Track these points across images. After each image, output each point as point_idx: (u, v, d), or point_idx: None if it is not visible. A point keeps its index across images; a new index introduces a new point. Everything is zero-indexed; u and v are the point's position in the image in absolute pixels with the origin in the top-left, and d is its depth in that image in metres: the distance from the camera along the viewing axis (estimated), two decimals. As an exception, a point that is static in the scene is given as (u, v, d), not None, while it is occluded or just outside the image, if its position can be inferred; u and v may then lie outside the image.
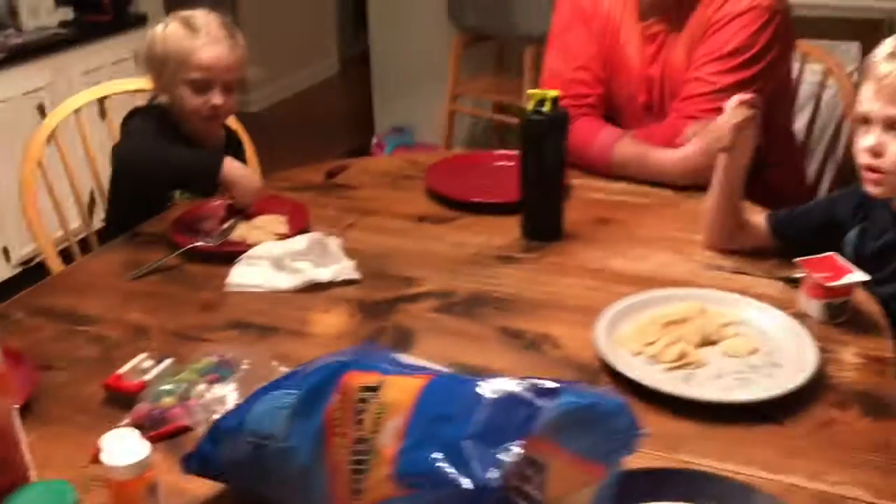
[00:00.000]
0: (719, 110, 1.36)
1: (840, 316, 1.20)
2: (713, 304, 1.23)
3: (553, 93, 1.40)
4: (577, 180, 1.70)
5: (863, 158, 1.20)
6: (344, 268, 1.36)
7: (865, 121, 1.19)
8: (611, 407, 0.79)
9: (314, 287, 1.34)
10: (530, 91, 1.42)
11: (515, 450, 0.67)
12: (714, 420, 1.03)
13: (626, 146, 1.69)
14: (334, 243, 1.42)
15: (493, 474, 0.66)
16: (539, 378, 0.74)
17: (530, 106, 1.41)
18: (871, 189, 1.22)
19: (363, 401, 0.78)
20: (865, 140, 1.19)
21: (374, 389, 0.78)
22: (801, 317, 1.21)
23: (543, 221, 1.48)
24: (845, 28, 3.02)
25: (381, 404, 0.77)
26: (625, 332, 1.18)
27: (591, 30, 1.79)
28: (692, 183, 1.58)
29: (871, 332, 1.19)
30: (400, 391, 0.77)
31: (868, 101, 1.18)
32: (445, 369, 0.84)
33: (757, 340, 1.16)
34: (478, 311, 1.28)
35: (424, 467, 0.70)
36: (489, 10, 3.26)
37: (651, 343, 1.15)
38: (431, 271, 1.39)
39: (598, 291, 1.31)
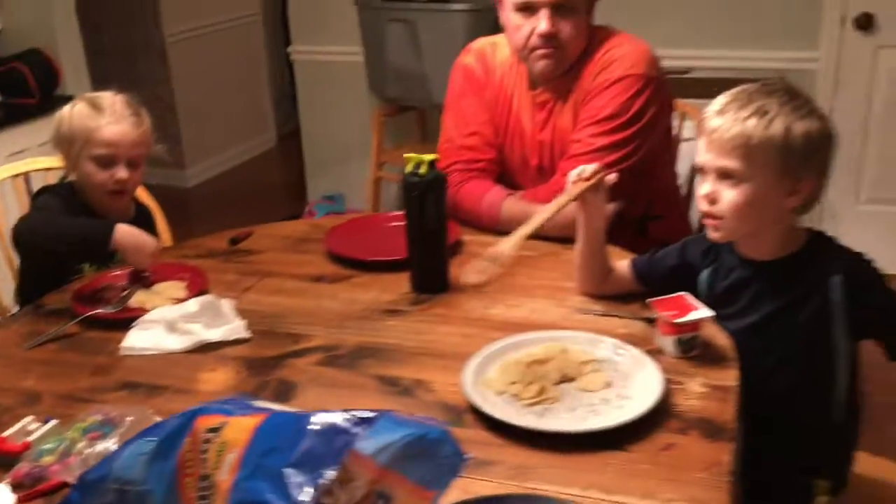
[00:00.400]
0: None
1: (691, 350, 1.30)
2: (575, 344, 1.32)
3: (429, 156, 1.51)
4: (468, 237, 1.80)
5: (702, 206, 1.31)
6: (235, 328, 1.43)
7: (702, 171, 1.31)
8: (438, 435, 0.87)
9: (205, 347, 1.41)
10: (407, 155, 1.52)
11: (329, 473, 0.74)
12: (566, 450, 1.11)
13: (512, 204, 1.80)
14: (227, 305, 1.49)
15: (306, 497, 0.73)
16: (362, 410, 0.81)
17: (408, 169, 1.51)
18: (712, 234, 1.33)
19: (207, 441, 0.85)
20: (702, 189, 1.30)
21: (217, 430, 0.85)
22: (657, 352, 1.31)
23: (429, 275, 1.57)
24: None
25: (221, 442, 0.83)
26: (492, 373, 1.27)
27: (483, 99, 1.92)
28: (571, 236, 1.68)
29: (718, 363, 1.28)
30: (239, 429, 0.83)
31: (702, 153, 1.29)
32: (290, 409, 0.91)
33: (611, 376, 1.25)
34: (359, 363, 1.35)
35: (252, 496, 0.76)
36: (407, 82, 3.41)
37: (514, 383, 1.23)
38: (320, 327, 1.46)
39: (474, 338, 1.39)
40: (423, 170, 1.50)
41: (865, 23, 3.17)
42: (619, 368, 1.26)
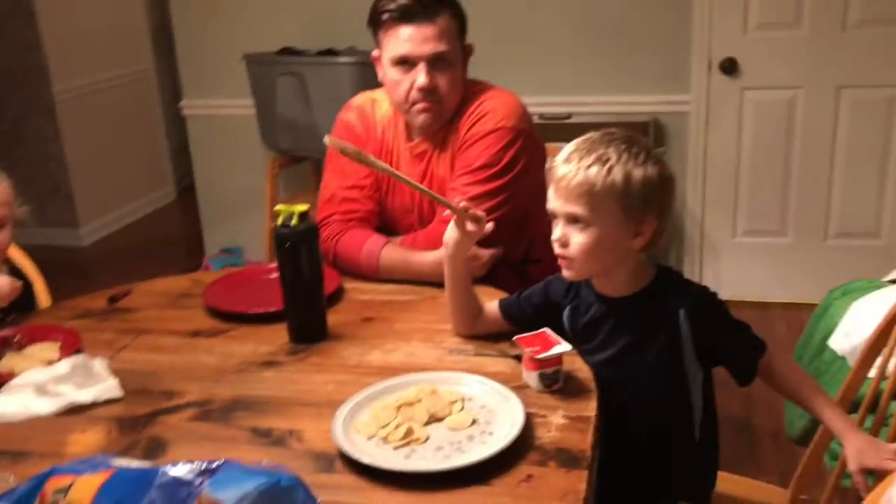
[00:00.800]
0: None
1: (553, 384, 1.35)
2: (445, 384, 1.36)
3: (300, 207, 1.54)
4: (349, 284, 1.84)
5: (555, 248, 1.38)
6: (107, 387, 1.42)
7: (554, 216, 1.38)
8: (289, 482, 0.89)
9: (76, 409, 1.39)
10: (277, 207, 1.55)
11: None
12: (433, 489, 1.14)
13: (391, 252, 1.84)
14: (100, 364, 1.47)
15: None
16: (203, 461, 0.83)
17: (280, 221, 1.54)
18: (565, 273, 1.40)
19: (55, 502, 0.85)
20: (554, 233, 1.37)
21: (65, 490, 0.85)
22: (524, 387, 1.36)
23: (306, 325, 1.60)
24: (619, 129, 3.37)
25: (68, 501, 0.84)
26: (363, 418, 1.29)
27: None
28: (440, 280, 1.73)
29: (579, 395, 1.34)
30: (85, 488, 0.84)
31: (552, 199, 1.37)
32: (142, 465, 0.92)
33: (477, 413, 1.29)
34: (232, 416, 1.36)
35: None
36: (298, 133, 3.45)
37: (384, 426, 1.26)
38: (195, 383, 1.47)
39: (349, 385, 1.41)
40: (294, 221, 1.53)
41: (730, 67, 3.38)
42: (485, 406, 1.31)
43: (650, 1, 3.40)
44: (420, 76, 1.80)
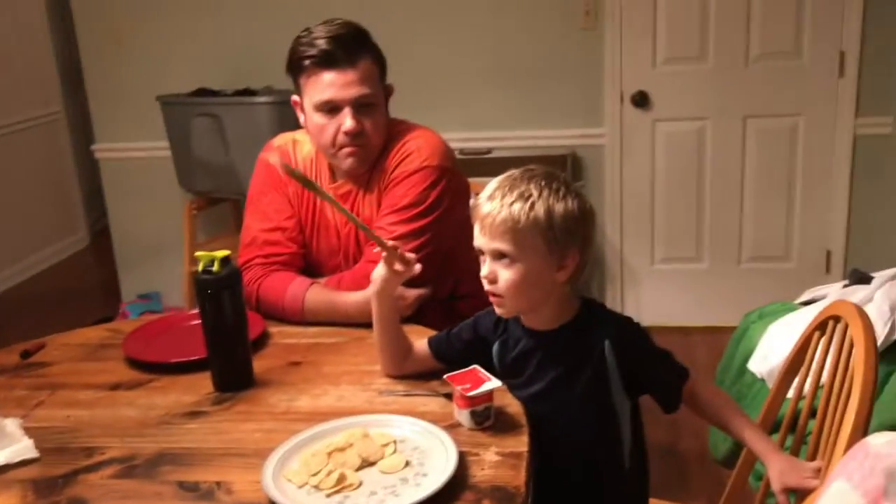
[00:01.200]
0: None
1: (485, 421, 1.35)
2: (376, 426, 1.35)
3: (221, 253, 1.51)
4: (274, 328, 1.81)
5: (484, 285, 1.39)
6: (20, 448, 1.35)
7: (481, 253, 1.39)
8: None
9: (-13, 473, 1.32)
10: (198, 253, 1.52)
11: None
12: (367, 535, 1.12)
13: (315, 294, 1.82)
14: (12, 424, 1.41)
15: None
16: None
17: (200, 267, 1.51)
18: (497, 310, 1.41)
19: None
20: (482, 270, 1.38)
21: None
22: (455, 426, 1.35)
23: (230, 373, 1.56)
24: (538, 163, 3.43)
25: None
26: (294, 466, 1.27)
27: (285, 195, 1.95)
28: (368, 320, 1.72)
29: (511, 431, 1.35)
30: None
31: (478, 237, 1.38)
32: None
33: (410, 455, 1.28)
34: (157, 471, 1.31)
35: None
36: (216, 174, 3.40)
37: (315, 473, 1.24)
38: (116, 438, 1.41)
39: (278, 433, 1.38)
40: (216, 267, 1.50)
41: (641, 100, 3.49)
42: (418, 447, 1.30)
43: (563, 38, 3.50)
44: (347, 120, 1.79)
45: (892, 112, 3.36)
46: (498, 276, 1.35)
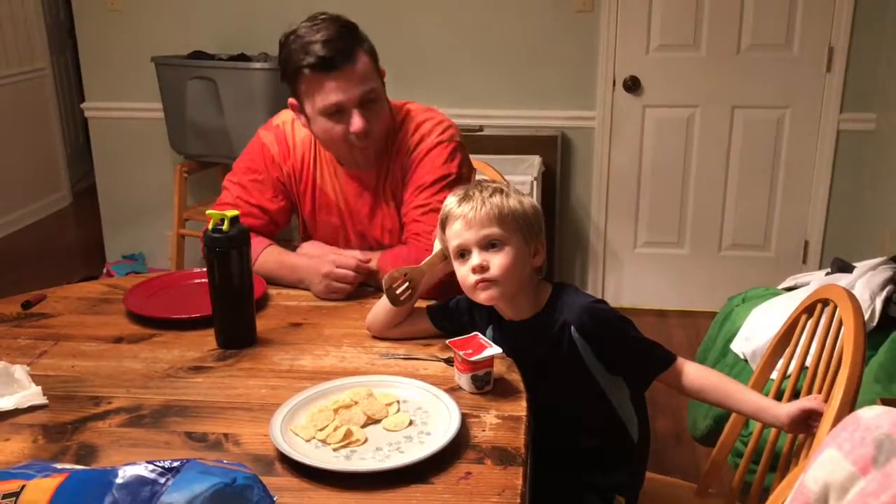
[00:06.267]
0: None
1: (485, 386, 1.40)
2: (379, 387, 1.39)
3: (232, 213, 1.54)
4: (273, 291, 1.84)
5: (470, 279, 1.43)
6: (29, 394, 1.38)
7: (465, 250, 1.44)
8: (245, 481, 0.90)
9: (-3, 417, 1.34)
10: (209, 212, 1.54)
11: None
12: (374, 488, 1.16)
13: (268, 254, 1.89)
14: (20, 371, 1.43)
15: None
16: (166, 460, 0.83)
17: (210, 225, 1.53)
18: (488, 294, 1.43)
19: (5, 507, 0.83)
20: (471, 262, 1.42)
21: (15, 495, 0.84)
22: (455, 390, 1.40)
23: (235, 330, 1.59)
24: (528, 143, 3.48)
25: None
26: (300, 421, 1.31)
27: (271, 175, 1.96)
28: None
29: (509, 396, 1.40)
30: (38, 491, 0.83)
31: (460, 235, 1.43)
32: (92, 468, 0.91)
33: (414, 414, 1.32)
34: (165, 421, 1.34)
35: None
36: (208, 138, 3.40)
37: (322, 428, 1.28)
38: (122, 389, 1.44)
39: (282, 389, 1.42)
40: (225, 226, 1.53)
41: (633, 85, 3.54)
42: (420, 407, 1.34)
43: (559, 21, 3.53)
44: (355, 120, 1.77)
45: (875, 109, 3.43)
46: (490, 263, 1.41)
